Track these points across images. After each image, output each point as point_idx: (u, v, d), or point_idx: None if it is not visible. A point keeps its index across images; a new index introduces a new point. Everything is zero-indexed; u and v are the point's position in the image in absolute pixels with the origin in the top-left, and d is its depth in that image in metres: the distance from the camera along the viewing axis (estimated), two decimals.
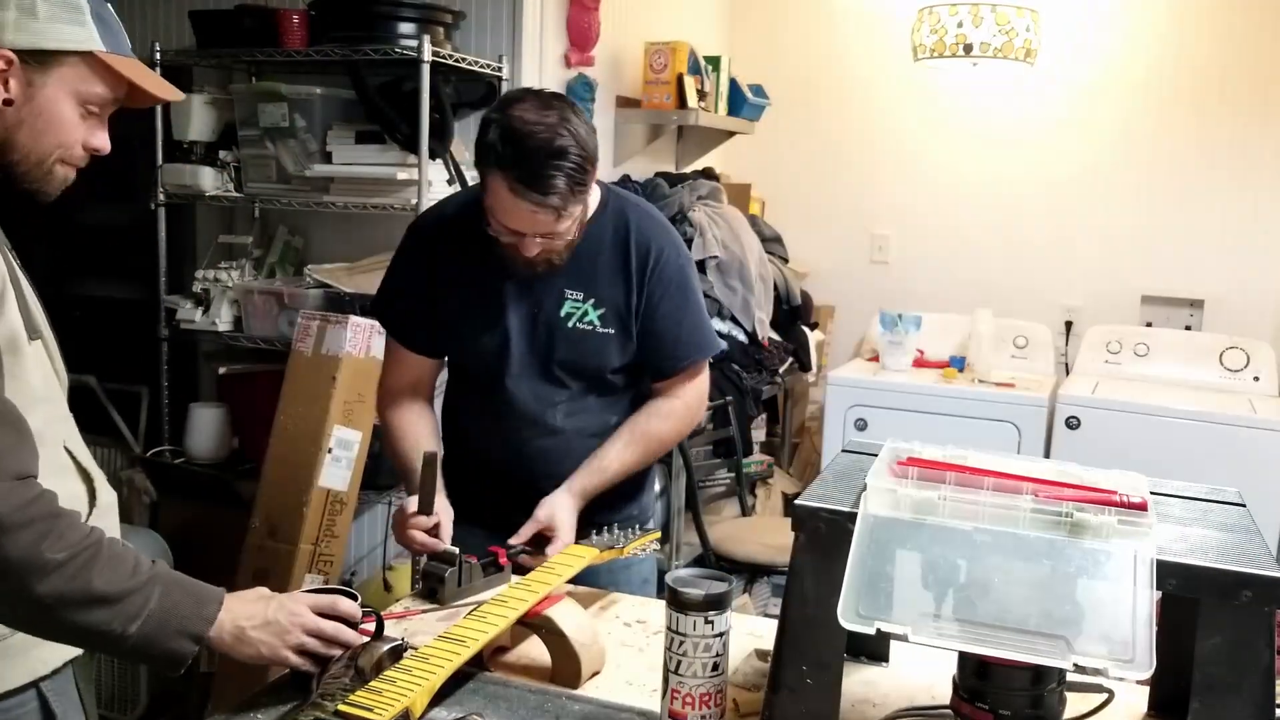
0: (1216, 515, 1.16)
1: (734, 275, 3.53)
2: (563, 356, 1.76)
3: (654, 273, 1.74)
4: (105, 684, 3.02)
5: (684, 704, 1.17)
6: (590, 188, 1.63)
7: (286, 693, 1.27)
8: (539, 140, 1.54)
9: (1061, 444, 3.40)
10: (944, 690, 1.15)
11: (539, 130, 1.54)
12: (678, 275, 1.77)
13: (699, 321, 1.82)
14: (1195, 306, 3.82)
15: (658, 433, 1.81)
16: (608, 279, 1.74)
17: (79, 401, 1.50)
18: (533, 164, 1.54)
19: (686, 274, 1.80)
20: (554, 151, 1.54)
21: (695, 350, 1.82)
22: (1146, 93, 3.82)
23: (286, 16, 2.87)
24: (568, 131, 1.55)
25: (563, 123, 1.55)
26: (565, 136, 1.54)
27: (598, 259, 1.74)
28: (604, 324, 1.75)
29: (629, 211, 1.78)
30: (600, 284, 1.74)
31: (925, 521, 1.02)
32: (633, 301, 1.75)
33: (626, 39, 3.63)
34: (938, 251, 4.15)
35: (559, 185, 1.54)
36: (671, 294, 1.76)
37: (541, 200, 1.55)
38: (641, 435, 1.79)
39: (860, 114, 4.21)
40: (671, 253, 1.77)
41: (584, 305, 1.74)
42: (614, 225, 1.75)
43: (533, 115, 1.55)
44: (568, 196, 1.56)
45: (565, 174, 1.54)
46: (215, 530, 3.01)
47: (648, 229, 1.77)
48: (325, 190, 3.01)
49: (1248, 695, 0.98)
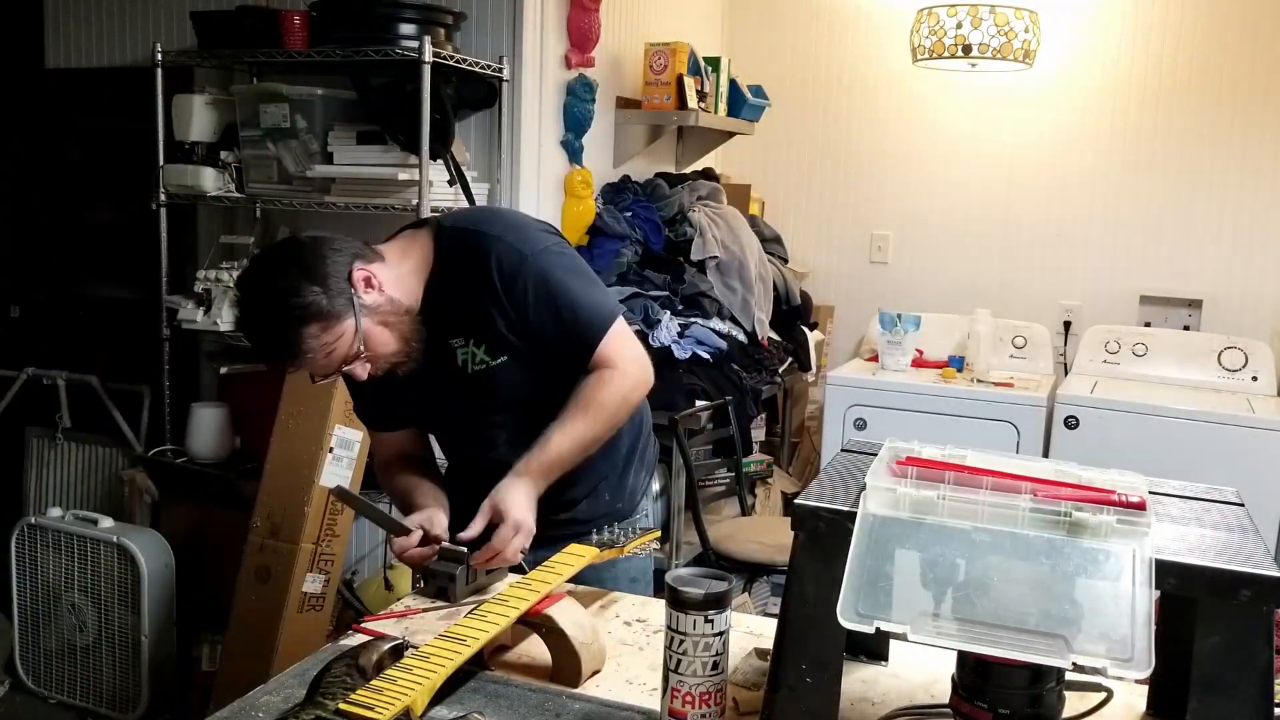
0: (1215, 515, 1.16)
1: (734, 275, 3.54)
2: (478, 400, 1.75)
3: (506, 285, 1.66)
4: (105, 684, 3.03)
5: (684, 703, 1.17)
6: (338, 315, 1.57)
7: None
8: (254, 314, 1.59)
9: (1060, 443, 3.40)
10: (943, 689, 1.15)
11: (250, 303, 1.60)
12: (532, 271, 1.67)
13: (581, 302, 1.69)
14: (1193, 306, 3.83)
15: (599, 399, 1.71)
16: (476, 314, 1.69)
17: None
18: (261, 337, 1.60)
19: (545, 264, 1.68)
20: (271, 314, 1.57)
21: (596, 328, 1.70)
22: (1145, 93, 3.83)
23: (288, 17, 2.88)
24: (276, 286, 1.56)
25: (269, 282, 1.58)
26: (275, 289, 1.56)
27: (462, 300, 1.69)
28: (494, 357, 1.70)
29: (464, 240, 1.70)
30: (473, 323, 1.70)
31: (924, 521, 1.03)
32: (502, 323, 1.68)
33: (626, 40, 3.63)
34: (937, 252, 4.15)
35: (293, 341, 1.56)
36: (533, 294, 1.67)
37: (297, 361, 1.59)
38: (586, 404, 1.70)
39: (860, 114, 4.22)
40: (512, 257, 1.67)
41: (469, 348, 1.71)
42: (456, 263, 1.69)
43: (243, 287, 1.61)
44: (310, 342, 1.56)
45: (290, 326, 1.55)
46: (217, 530, 3.02)
47: (482, 247, 1.68)
48: (326, 191, 3.02)
49: (1246, 694, 0.99)
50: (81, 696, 3.07)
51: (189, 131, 3.14)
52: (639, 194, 3.55)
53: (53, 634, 3.09)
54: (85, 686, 3.06)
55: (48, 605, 3.08)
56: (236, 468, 3.11)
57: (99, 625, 3.02)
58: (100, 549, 2.98)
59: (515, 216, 1.82)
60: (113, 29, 3.56)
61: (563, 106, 3.30)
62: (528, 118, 3.12)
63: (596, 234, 3.39)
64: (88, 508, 3.25)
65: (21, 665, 3.14)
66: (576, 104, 3.31)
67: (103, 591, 2.99)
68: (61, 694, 3.10)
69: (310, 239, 1.63)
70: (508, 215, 1.86)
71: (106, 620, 3.00)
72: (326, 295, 1.55)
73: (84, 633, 3.04)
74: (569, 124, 3.32)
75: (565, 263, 1.72)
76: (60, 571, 3.04)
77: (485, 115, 3.10)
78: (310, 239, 1.63)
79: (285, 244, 1.65)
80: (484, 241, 1.69)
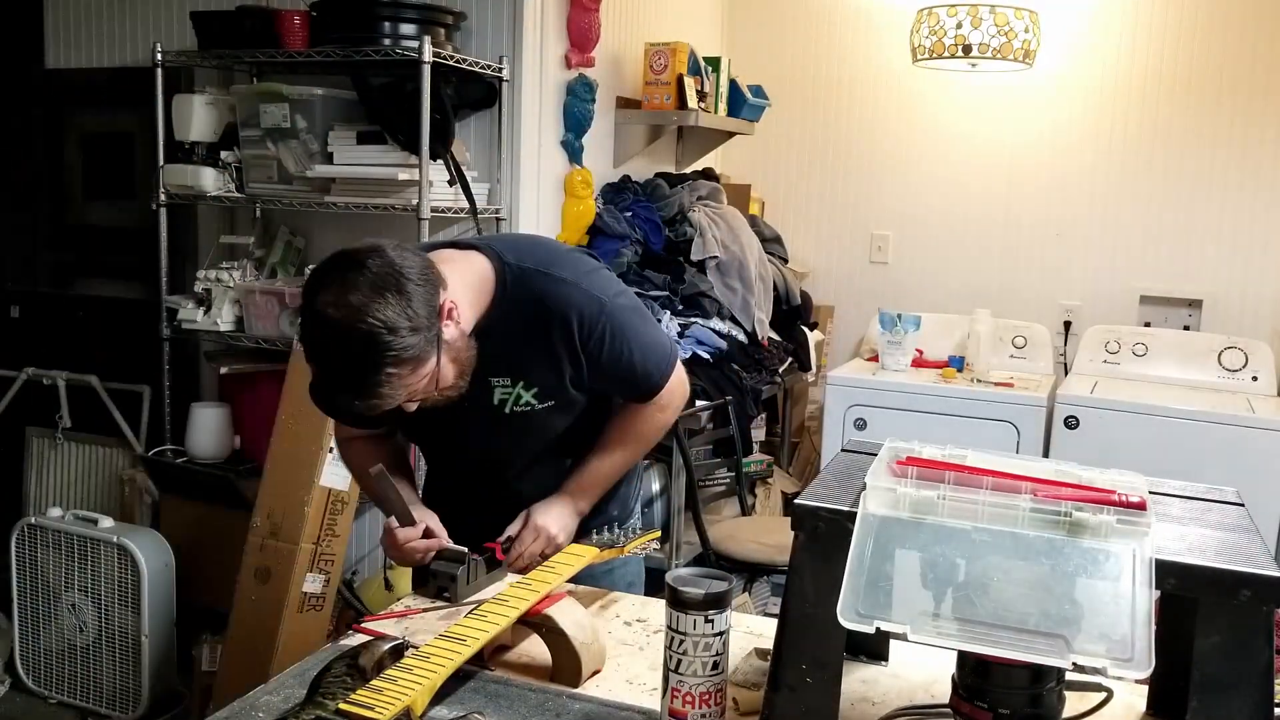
0: (1215, 515, 1.16)
1: (734, 275, 3.54)
2: (507, 439, 1.70)
3: (584, 342, 1.62)
4: (105, 684, 3.03)
5: (684, 703, 1.17)
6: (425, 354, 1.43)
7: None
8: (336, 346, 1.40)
9: (1060, 443, 3.40)
10: (943, 689, 1.15)
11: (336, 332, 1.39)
12: (610, 326, 1.62)
13: (649, 349, 1.69)
14: (1194, 306, 3.83)
15: (643, 431, 1.77)
16: (532, 359, 1.63)
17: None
18: (344, 365, 1.41)
19: (617, 318, 1.64)
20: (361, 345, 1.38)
21: (655, 378, 1.72)
22: (1145, 93, 3.83)
23: (288, 17, 2.88)
24: (372, 319, 1.37)
25: (361, 308, 1.37)
26: (367, 323, 1.37)
27: (514, 341, 1.61)
28: (541, 401, 1.66)
29: (531, 283, 1.60)
30: (525, 365, 1.63)
31: (924, 521, 1.03)
32: (567, 372, 1.64)
33: (627, 40, 3.63)
34: (937, 252, 4.15)
35: (380, 379, 1.40)
36: (608, 348, 1.63)
37: (366, 395, 1.42)
38: (631, 436, 1.76)
39: (860, 114, 4.22)
40: (592, 310, 1.61)
41: (514, 389, 1.64)
42: (519, 301, 1.60)
43: (330, 309, 1.38)
44: (394, 384, 1.42)
45: (384, 364, 1.39)
46: (217, 529, 3.02)
47: (558, 298, 1.60)
48: (326, 191, 3.02)
49: (1246, 694, 0.99)
50: (81, 696, 3.07)
51: (189, 131, 3.14)
52: (639, 194, 3.55)
53: (53, 634, 3.09)
54: (85, 686, 3.06)
55: (48, 605, 3.08)
56: (236, 468, 3.11)
57: (99, 625, 3.01)
58: (100, 549, 2.98)
59: (572, 254, 1.72)
60: (113, 29, 3.56)
61: (563, 106, 3.30)
62: (528, 118, 3.12)
63: (596, 234, 3.39)
64: (88, 508, 3.25)
65: (21, 665, 3.14)
66: (576, 104, 3.31)
67: (103, 591, 2.99)
68: (61, 694, 3.10)
69: (397, 255, 1.43)
70: (564, 253, 1.72)
71: (106, 620, 3.00)
72: (419, 334, 1.40)
73: (84, 633, 3.03)
74: (569, 124, 3.32)
75: (632, 305, 1.70)
76: (60, 571, 3.04)
77: (485, 115, 3.10)
78: (397, 255, 1.43)
79: (370, 261, 1.41)
80: (560, 289, 1.60)
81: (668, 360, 1.74)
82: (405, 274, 1.41)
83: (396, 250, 1.44)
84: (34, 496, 3.70)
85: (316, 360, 1.44)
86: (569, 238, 3.37)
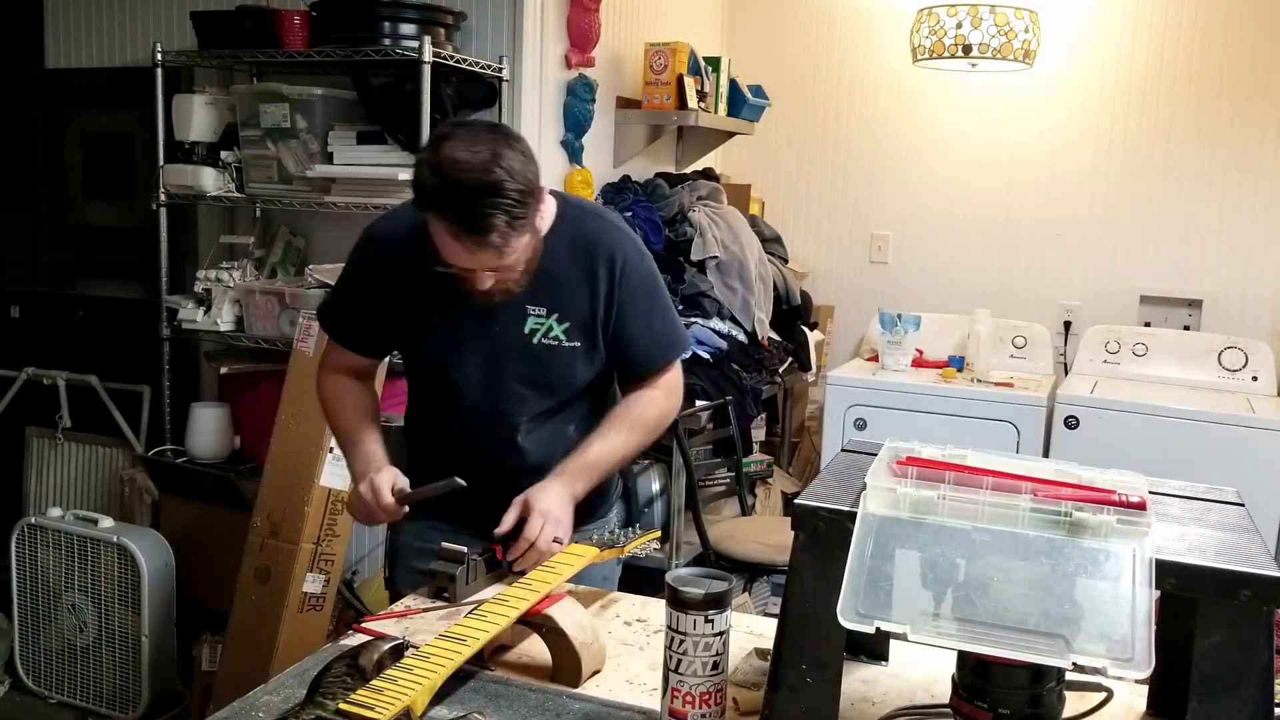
0: (1215, 514, 1.16)
1: (734, 275, 3.54)
2: (528, 373, 1.72)
3: (621, 282, 1.71)
4: (105, 684, 3.03)
5: (684, 702, 1.17)
6: (533, 218, 1.56)
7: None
8: (470, 180, 1.47)
9: (1060, 443, 3.40)
10: (943, 689, 1.15)
11: (469, 169, 1.47)
12: (644, 281, 1.74)
13: (669, 322, 1.80)
14: (1194, 306, 3.83)
15: (644, 418, 1.79)
16: (572, 292, 1.70)
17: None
18: (466, 205, 1.48)
19: (653, 278, 1.77)
20: (487, 189, 1.47)
21: (668, 351, 1.80)
22: (1145, 93, 3.83)
23: (288, 17, 2.88)
24: (501, 167, 1.48)
25: (495, 158, 1.48)
26: (498, 172, 1.47)
27: (559, 273, 1.69)
28: (569, 338, 1.71)
29: (587, 221, 1.73)
30: (564, 298, 1.70)
31: (924, 521, 1.03)
32: (599, 313, 1.71)
33: (627, 40, 3.63)
34: (937, 252, 4.15)
35: (497, 224, 1.49)
36: (639, 301, 1.73)
37: (481, 240, 1.50)
38: (632, 421, 1.77)
39: (860, 114, 4.22)
40: (635, 258, 1.73)
41: (548, 320, 1.70)
42: (573, 237, 1.70)
43: (463, 152, 1.48)
44: (508, 234, 1.51)
45: (503, 210, 1.48)
46: (217, 529, 3.02)
47: (609, 238, 1.72)
48: (326, 191, 3.02)
49: (1246, 694, 0.99)
50: (81, 696, 3.07)
51: (189, 131, 3.14)
52: (639, 194, 3.55)
53: (53, 634, 3.09)
54: (85, 686, 3.06)
55: (48, 605, 3.08)
56: (236, 467, 3.11)
57: (99, 625, 3.01)
58: (100, 549, 2.98)
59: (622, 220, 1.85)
60: (113, 29, 3.56)
61: (563, 106, 3.30)
62: (528, 118, 3.12)
63: None
64: (88, 508, 3.25)
65: (21, 665, 3.14)
66: (576, 104, 3.31)
67: (103, 591, 2.99)
68: (61, 694, 3.10)
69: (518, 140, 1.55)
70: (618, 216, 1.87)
71: (106, 620, 3.00)
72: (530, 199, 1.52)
73: (84, 633, 3.03)
74: (569, 124, 3.32)
75: (663, 281, 1.82)
76: (60, 571, 3.04)
77: (485, 115, 3.10)
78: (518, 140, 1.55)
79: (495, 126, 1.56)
80: (611, 231, 1.74)
81: (682, 342, 1.83)
82: (525, 141, 1.54)
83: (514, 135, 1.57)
84: (34, 496, 3.70)
85: (439, 201, 1.50)
86: None
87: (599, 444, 1.74)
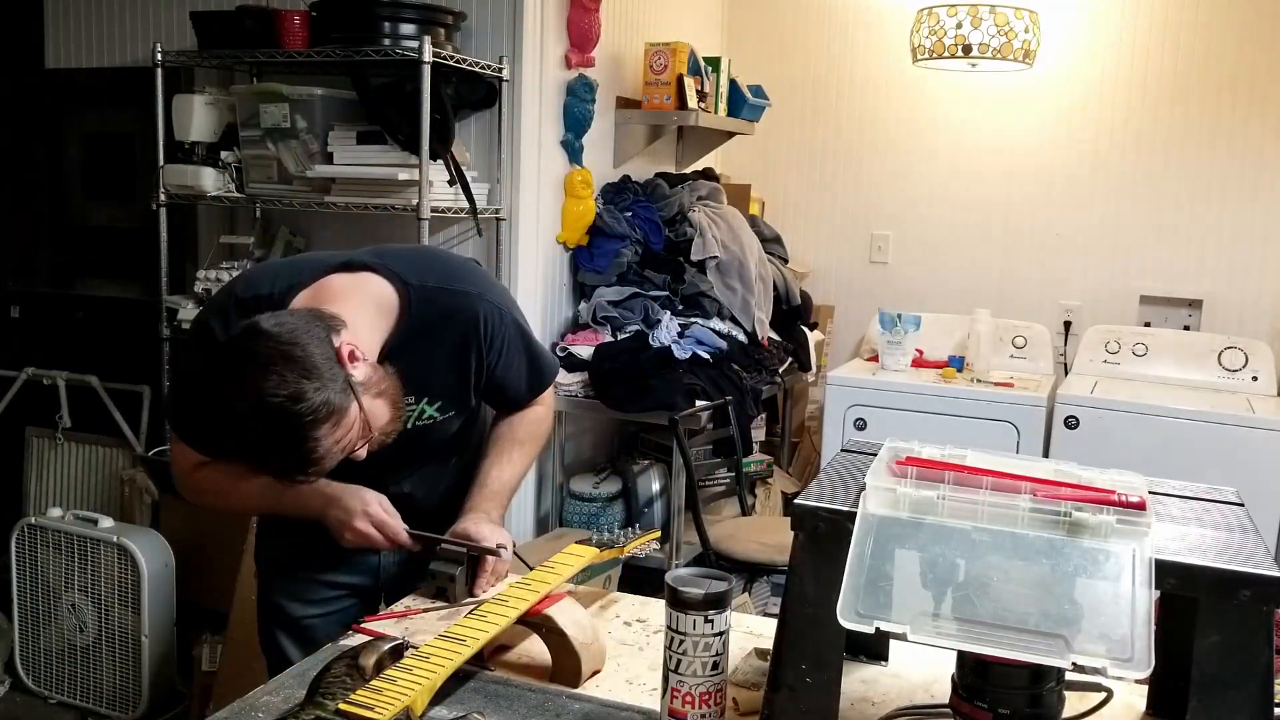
0: (1215, 514, 1.16)
1: (734, 275, 3.54)
2: (402, 453, 1.64)
3: (488, 346, 1.65)
4: (105, 684, 3.03)
5: (684, 703, 1.17)
6: (344, 404, 1.38)
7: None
8: (253, 439, 1.34)
9: (1060, 443, 3.40)
10: (943, 689, 1.15)
11: (246, 424, 1.32)
12: (510, 333, 1.68)
13: (538, 357, 1.77)
14: (1194, 306, 3.83)
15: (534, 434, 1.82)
16: (441, 374, 1.64)
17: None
18: (269, 461, 1.38)
19: (517, 325, 1.70)
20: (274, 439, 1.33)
21: (542, 383, 1.80)
22: (1144, 93, 3.83)
23: (288, 17, 2.88)
24: (271, 406, 1.31)
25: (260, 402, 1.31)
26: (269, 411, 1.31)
27: (420, 362, 1.58)
28: (443, 412, 1.67)
29: (435, 301, 1.60)
30: (432, 381, 1.63)
31: (924, 521, 1.03)
32: (470, 380, 1.67)
33: (627, 40, 3.63)
34: (937, 251, 4.15)
35: (313, 449, 1.36)
36: (509, 353, 1.69)
37: (310, 468, 1.39)
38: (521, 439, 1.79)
39: (860, 114, 4.22)
40: (495, 318, 1.64)
41: (419, 405, 1.63)
42: (425, 322, 1.58)
43: (240, 401, 1.32)
44: (330, 442, 1.37)
45: (301, 437, 1.34)
46: (217, 529, 3.02)
47: (462, 309, 1.62)
48: (326, 191, 3.02)
49: (1246, 694, 0.99)
50: (81, 696, 3.07)
51: (189, 131, 3.14)
52: (639, 194, 3.55)
53: (53, 634, 3.09)
54: (85, 686, 3.06)
55: (48, 605, 3.08)
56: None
57: (99, 625, 3.02)
58: (100, 549, 2.98)
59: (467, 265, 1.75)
60: (113, 29, 3.56)
61: (563, 106, 3.30)
62: (528, 118, 3.12)
63: (596, 234, 3.39)
64: (88, 508, 3.25)
65: (21, 665, 3.14)
66: (576, 104, 3.31)
67: (103, 591, 2.99)
68: (61, 694, 3.10)
69: (272, 325, 1.37)
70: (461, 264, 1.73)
71: (106, 620, 3.00)
72: (326, 389, 1.35)
73: (84, 633, 3.04)
74: (569, 124, 3.32)
75: (522, 318, 1.74)
76: (60, 571, 3.04)
77: (485, 115, 3.10)
78: (272, 325, 1.37)
79: (249, 341, 1.35)
80: (468, 303, 1.63)
81: (552, 366, 1.85)
82: (287, 340, 1.35)
83: (271, 320, 1.39)
84: (34, 496, 3.70)
85: (249, 455, 1.38)
86: (569, 238, 3.37)
87: (497, 470, 1.74)
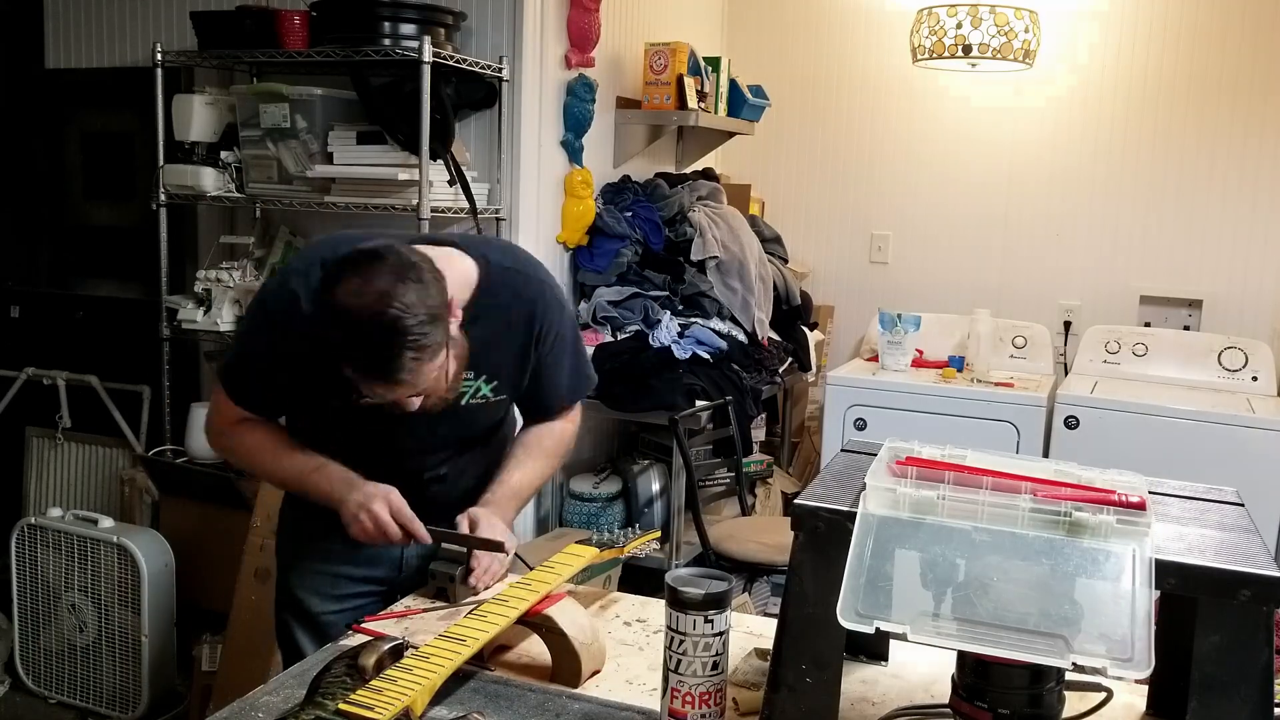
0: (1215, 514, 1.16)
1: (734, 275, 3.53)
2: (453, 432, 1.73)
3: (544, 336, 1.72)
4: (105, 684, 3.03)
5: (684, 703, 1.17)
6: (444, 340, 1.48)
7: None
8: (366, 327, 1.41)
9: (1060, 443, 3.40)
10: (943, 689, 1.15)
11: (363, 315, 1.41)
12: (566, 330, 1.77)
13: (584, 364, 1.85)
14: (1193, 307, 3.82)
15: (559, 450, 1.85)
16: (499, 354, 1.69)
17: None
18: (367, 352, 1.43)
19: (573, 324, 1.80)
20: (386, 331, 1.41)
21: (582, 391, 1.85)
22: (1145, 93, 3.83)
23: (287, 17, 2.88)
24: (395, 306, 1.41)
25: (385, 298, 1.41)
26: (392, 311, 1.40)
27: (486, 338, 1.64)
28: (497, 394, 1.72)
29: (513, 279, 1.70)
30: (491, 361, 1.68)
31: (924, 521, 1.03)
32: (526, 366, 1.74)
33: (627, 40, 3.63)
34: (937, 252, 4.15)
35: (404, 363, 1.43)
36: (558, 349, 1.76)
37: (392, 381, 1.45)
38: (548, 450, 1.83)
39: (860, 114, 4.21)
40: (556, 312, 1.74)
41: (476, 382, 1.68)
42: (502, 299, 1.67)
43: (352, 299, 1.42)
44: (416, 369, 1.45)
45: (406, 348, 1.42)
46: (217, 529, 3.02)
47: (529, 294, 1.71)
48: (326, 191, 3.02)
49: (1246, 694, 0.99)
50: (81, 696, 3.07)
51: (189, 131, 3.14)
52: (639, 194, 3.55)
53: (53, 634, 3.09)
54: (85, 686, 3.06)
55: (48, 605, 3.08)
56: (236, 468, 3.11)
57: (99, 625, 3.01)
58: (100, 549, 2.98)
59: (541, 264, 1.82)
60: (113, 29, 3.56)
61: (563, 106, 3.30)
62: (528, 118, 3.12)
63: (596, 234, 3.39)
64: (88, 508, 3.25)
65: (21, 665, 3.14)
66: (576, 104, 3.31)
67: (103, 591, 2.99)
68: (61, 694, 3.10)
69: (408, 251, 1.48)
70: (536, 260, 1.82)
71: (106, 620, 3.00)
72: (437, 324, 1.45)
73: (84, 633, 3.03)
74: (569, 124, 3.32)
75: (577, 324, 1.86)
76: (60, 571, 3.04)
77: (485, 115, 3.10)
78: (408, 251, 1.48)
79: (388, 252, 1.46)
80: (540, 289, 1.73)
81: (592, 378, 1.88)
82: (420, 266, 1.47)
83: (406, 247, 1.50)
84: (34, 496, 3.70)
85: (340, 351, 1.45)
86: (569, 238, 3.37)
87: (520, 472, 1.77)
